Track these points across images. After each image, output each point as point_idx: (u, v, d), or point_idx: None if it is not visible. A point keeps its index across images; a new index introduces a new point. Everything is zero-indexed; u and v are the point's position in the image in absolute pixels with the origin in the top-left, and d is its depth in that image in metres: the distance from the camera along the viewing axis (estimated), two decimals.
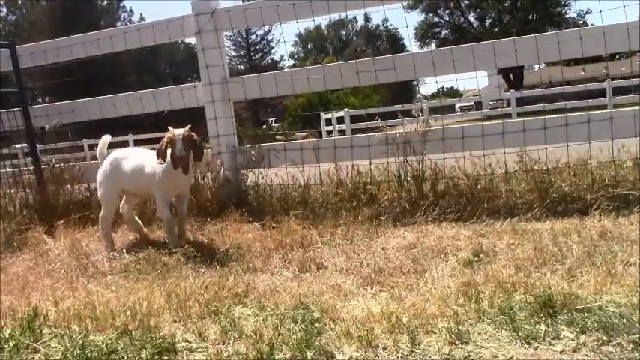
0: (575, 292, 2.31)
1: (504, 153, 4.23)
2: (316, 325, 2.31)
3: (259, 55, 63.14)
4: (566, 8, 48.20)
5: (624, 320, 2.03)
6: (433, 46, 48.35)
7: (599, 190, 3.84)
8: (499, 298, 2.37)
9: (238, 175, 4.87)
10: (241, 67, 59.11)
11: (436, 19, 52.69)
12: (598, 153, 4.15)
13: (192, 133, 3.71)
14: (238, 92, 5.00)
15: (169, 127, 3.73)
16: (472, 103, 30.48)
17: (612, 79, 19.21)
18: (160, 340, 2.26)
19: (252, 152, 4.85)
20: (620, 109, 4.22)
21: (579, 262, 2.72)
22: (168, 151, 3.69)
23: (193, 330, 2.39)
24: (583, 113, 4.17)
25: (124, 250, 3.90)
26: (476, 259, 2.99)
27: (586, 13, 46.42)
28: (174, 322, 2.52)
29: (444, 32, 52.65)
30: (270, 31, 59.49)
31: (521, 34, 4.61)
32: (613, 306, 2.18)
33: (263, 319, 2.44)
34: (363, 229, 3.85)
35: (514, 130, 4.20)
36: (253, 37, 61.57)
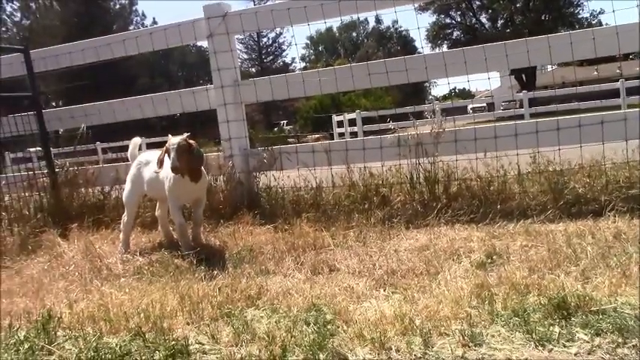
0: (589, 294, 2.29)
1: (517, 154, 4.20)
2: (329, 327, 2.31)
3: (271, 57, 63.24)
4: (579, 8, 48.00)
5: None
6: (445, 48, 48.33)
7: (614, 191, 3.81)
8: (512, 300, 2.36)
9: (250, 178, 4.88)
10: (253, 69, 59.18)
11: (448, 21, 52.63)
12: (612, 154, 4.12)
13: (189, 142, 3.69)
14: (250, 95, 5.01)
15: (169, 135, 3.73)
16: (484, 105, 30.34)
17: (626, 80, 19.03)
18: (173, 343, 2.27)
19: (264, 155, 4.86)
20: (635, 110, 4.18)
21: (593, 263, 2.70)
22: (167, 159, 3.69)
23: (206, 332, 2.40)
24: (596, 114, 4.14)
25: (138, 253, 3.92)
26: (489, 261, 2.97)
27: (599, 13, 46.29)
28: (187, 324, 2.52)
29: (455, 33, 52.59)
30: (281, 33, 59.55)
31: (533, 34, 4.58)
32: (628, 308, 2.16)
33: (276, 322, 2.44)
34: (375, 231, 3.84)
35: (527, 132, 4.17)
36: (265, 39, 61.68)
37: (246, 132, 5.09)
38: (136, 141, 4.36)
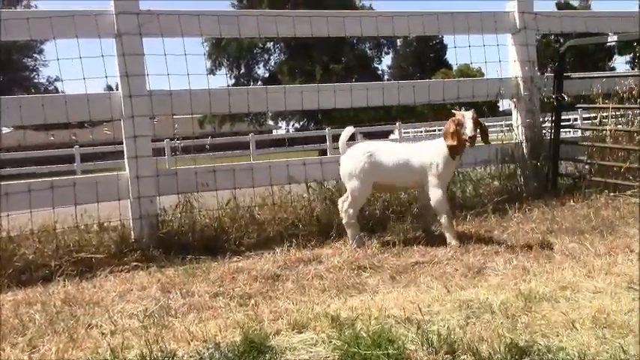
0: None
1: None
2: None
3: None
4: (34, 73, 48.62)
5: None
6: None
7: (64, 255, 3.87)
8: None
9: None
10: None
11: None
12: (64, 219, 4.18)
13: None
14: None
15: (453, 110, 3.83)
16: None
17: (81, 146, 19.72)
18: None
19: None
20: (83, 177, 4.39)
21: (41, 331, 2.66)
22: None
23: None
24: (48, 179, 4.19)
25: None
26: None
27: (55, 79, 47.33)
28: None
29: None
30: None
31: None
32: None
33: None
34: None
35: None
36: None
37: None
38: (349, 130, 4.06)
